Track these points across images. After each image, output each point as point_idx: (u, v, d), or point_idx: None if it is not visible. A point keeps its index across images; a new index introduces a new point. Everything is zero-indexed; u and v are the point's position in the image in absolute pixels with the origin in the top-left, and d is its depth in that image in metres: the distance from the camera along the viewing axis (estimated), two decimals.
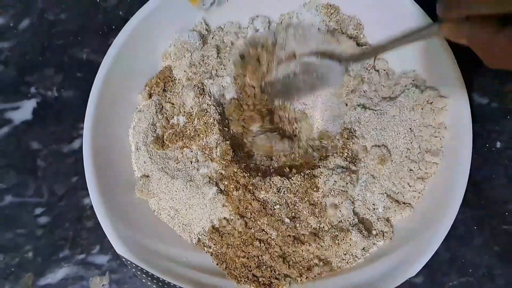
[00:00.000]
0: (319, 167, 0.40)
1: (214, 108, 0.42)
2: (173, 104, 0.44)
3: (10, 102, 0.48)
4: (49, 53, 0.49)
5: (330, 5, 0.44)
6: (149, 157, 0.42)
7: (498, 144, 0.44)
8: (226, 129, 0.42)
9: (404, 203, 0.40)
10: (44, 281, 0.44)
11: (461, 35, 0.29)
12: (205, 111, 0.42)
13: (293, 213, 0.39)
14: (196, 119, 0.42)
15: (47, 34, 0.50)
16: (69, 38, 0.50)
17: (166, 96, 0.44)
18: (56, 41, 0.50)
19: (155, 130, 0.43)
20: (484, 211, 0.43)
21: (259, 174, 0.40)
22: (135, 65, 0.43)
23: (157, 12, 0.43)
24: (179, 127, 0.43)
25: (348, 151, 0.41)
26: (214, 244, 0.40)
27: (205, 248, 0.40)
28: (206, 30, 0.45)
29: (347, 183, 0.39)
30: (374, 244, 0.39)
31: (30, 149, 0.47)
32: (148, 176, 0.42)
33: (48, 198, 0.46)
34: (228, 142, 0.41)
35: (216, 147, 0.41)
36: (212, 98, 0.43)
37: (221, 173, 0.40)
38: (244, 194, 0.39)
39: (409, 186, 0.40)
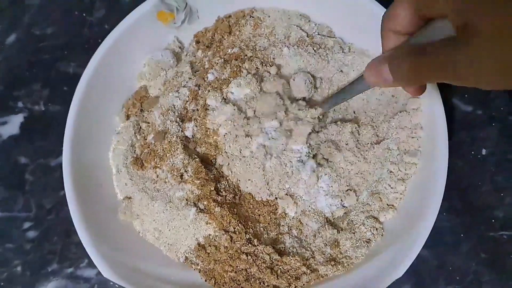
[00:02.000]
0: None
1: (177, 124, 0.41)
2: (148, 123, 0.43)
3: None
4: (36, 68, 0.48)
5: (301, 15, 0.45)
6: (130, 179, 0.40)
7: (484, 151, 0.44)
8: (192, 147, 0.41)
9: (387, 204, 0.39)
10: None
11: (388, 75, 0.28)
12: (167, 128, 0.41)
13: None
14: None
15: (34, 49, 0.49)
16: (56, 53, 0.49)
17: (143, 116, 0.43)
18: (43, 55, 0.49)
19: (135, 150, 0.42)
20: (471, 218, 0.43)
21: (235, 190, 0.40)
22: (110, 87, 0.43)
23: (128, 34, 0.42)
24: (151, 146, 0.42)
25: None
26: (202, 261, 0.39)
27: (193, 266, 0.39)
28: (179, 47, 0.45)
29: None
30: (364, 246, 0.39)
31: (18, 163, 0.46)
32: (130, 198, 0.41)
33: (36, 212, 0.45)
34: (197, 159, 0.39)
35: (182, 168, 0.39)
36: (175, 114, 0.41)
37: (197, 194, 0.39)
38: (226, 210, 0.38)
39: (391, 188, 0.39)
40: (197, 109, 0.42)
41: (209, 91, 0.41)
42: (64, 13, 0.50)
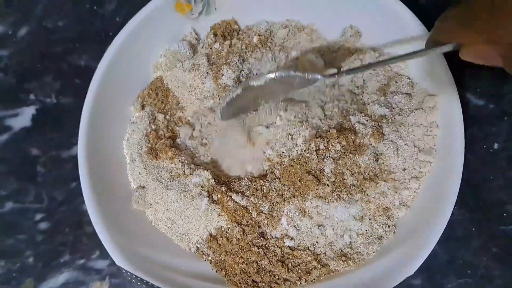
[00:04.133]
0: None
1: None
2: (165, 114, 0.42)
3: (10, 109, 0.47)
4: (47, 60, 0.48)
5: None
6: (144, 168, 0.40)
7: (496, 146, 0.43)
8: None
9: (400, 203, 0.39)
10: (45, 286, 0.43)
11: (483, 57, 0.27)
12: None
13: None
14: None
15: (45, 41, 0.48)
16: (67, 45, 0.48)
17: (158, 106, 0.43)
18: (55, 48, 0.48)
19: (149, 140, 0.41)
20: (482, 212, 0.42)
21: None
22: (126, 77, 0.42)
23: (146, 24, 0.41)
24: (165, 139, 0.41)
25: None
26: (213, 252, 0.38)
27: (204, 256, 0.39)
28: (196, 39, 0.44)
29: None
30: (375, 243, 0.38)
31: (30, 155, 0.46)
32: (144, 187, 0.40)
33: (48, 203, 0.44)
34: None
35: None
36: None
37: (212, 184, 0.38)
38: (239, 205, 0.37)
39: (404, 185, 0.39)
40: None
41: None
42: (75, 5, 0.49)
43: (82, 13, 0.49)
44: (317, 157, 0.38)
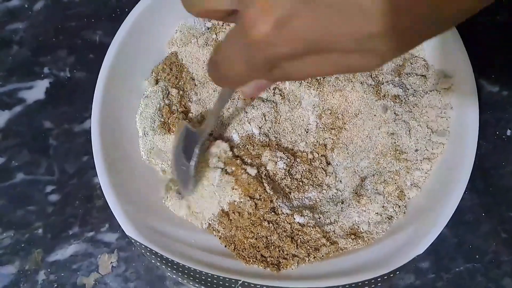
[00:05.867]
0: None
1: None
2: (179, 89, 0.42)
3: (24, 81, 0.47)
4: (62, 35, 0.48)
5: None
6: (156, 142, 0.40)
7: (508, 132, 0.43)
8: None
9: (411, 183, 0.38)
10: (53, 257, 0.43)
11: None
12: None
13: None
14: None
15: (60, 16, 0.48)
16: (83, 21, 0.48)
17: (172, 82, 0.42)
18: (70, 23, 0.48)
19: (162, 115, 0.41)
20: (493, 198, 0.41)
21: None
22: (141, 52, 0.42)
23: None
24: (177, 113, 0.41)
25: None
26: (223, 228, 0.38)
27: (214, 232, 0.38)
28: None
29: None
30: (385, 222, 0.38)
31: (42, 128, 0.46)
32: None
33: (59, 176, 0.45)
34: None
35: None
36: None
37: (229, 156, 0.39)
38: (253, 179, 0.38)
39: (416, 166, 0.39)
40: None
41: None
42: None
43: None
44: None
